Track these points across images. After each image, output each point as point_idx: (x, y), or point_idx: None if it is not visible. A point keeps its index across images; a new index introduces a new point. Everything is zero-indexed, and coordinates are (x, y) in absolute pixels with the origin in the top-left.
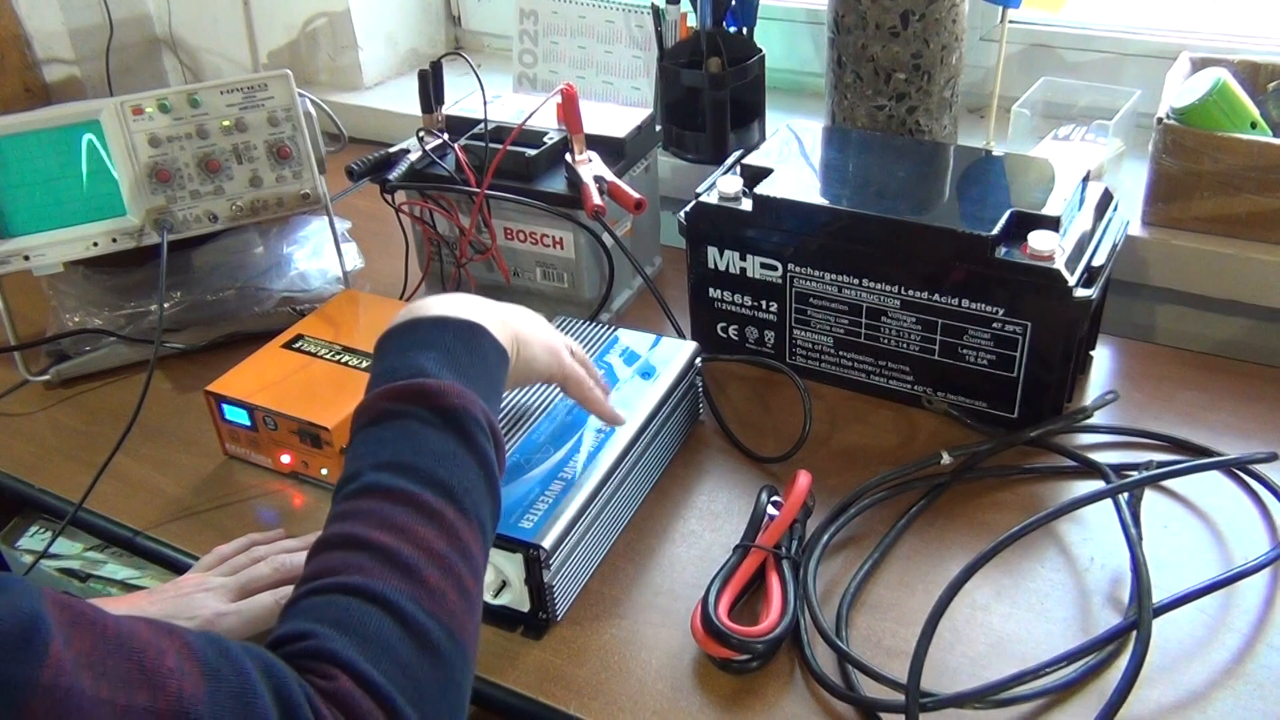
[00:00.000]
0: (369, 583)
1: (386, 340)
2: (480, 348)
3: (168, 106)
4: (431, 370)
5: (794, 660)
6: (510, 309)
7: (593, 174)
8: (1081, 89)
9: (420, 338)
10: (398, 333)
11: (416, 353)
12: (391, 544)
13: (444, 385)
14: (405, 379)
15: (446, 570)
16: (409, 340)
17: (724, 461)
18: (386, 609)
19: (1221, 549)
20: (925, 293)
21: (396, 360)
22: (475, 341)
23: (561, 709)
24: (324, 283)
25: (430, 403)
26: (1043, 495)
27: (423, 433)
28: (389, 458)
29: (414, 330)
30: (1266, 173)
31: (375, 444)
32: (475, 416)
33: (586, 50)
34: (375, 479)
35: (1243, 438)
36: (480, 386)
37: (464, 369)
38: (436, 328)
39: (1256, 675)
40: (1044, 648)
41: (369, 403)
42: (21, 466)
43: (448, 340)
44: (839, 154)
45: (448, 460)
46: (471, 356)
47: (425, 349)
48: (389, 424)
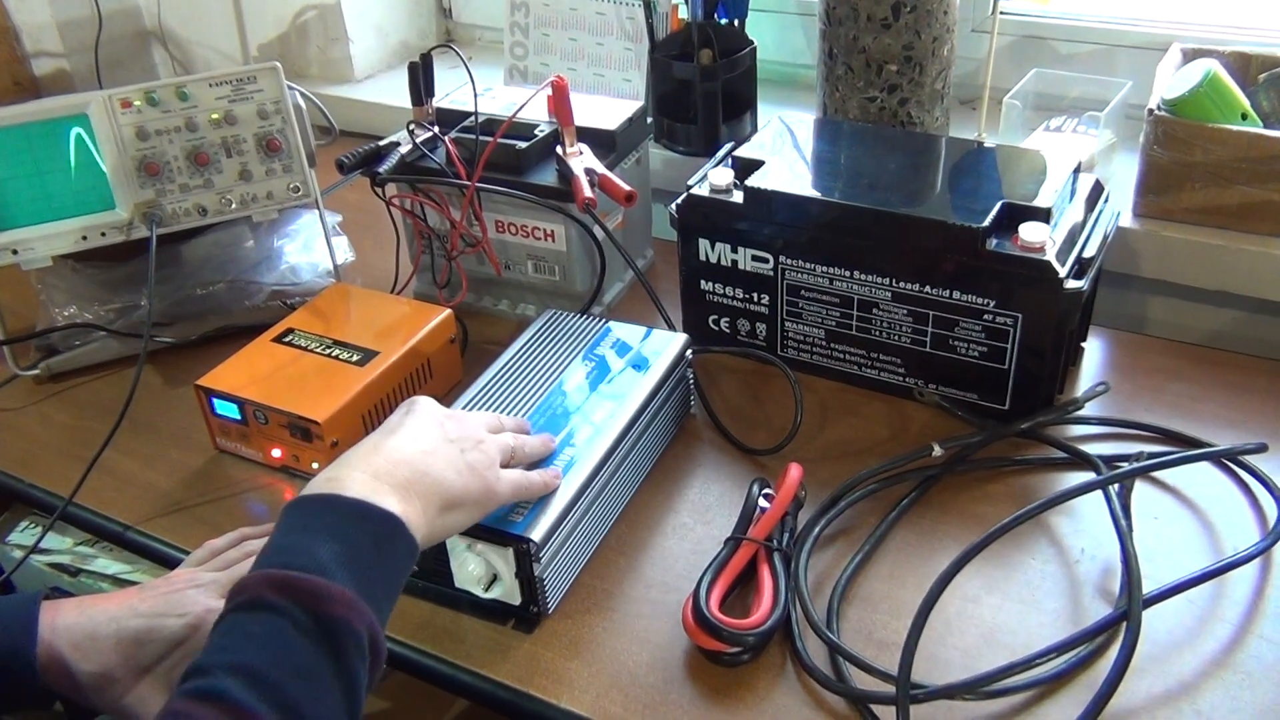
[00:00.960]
0: None
1: (295, 510)
2: (391, 546)
3: (156, 100)
4: (328, 567)
5: (785, 652)
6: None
7: (584, 166)
8: (1073, 80)
9: (328, 522)
10: (309, 507)
11: (319, 540)
12: None
13: (334, 590)
14: (297, 569)
15: None
16: (316, 520)
17: (715, 454)
18: None
19: (1211, 540)
20: (916, 285)
21: (296, 540)
22: (387, 537)
23: (553, 702)
24: (314, 276)
25: (313, 606)
26: (1034, 487)
27: (293, 640)
28: (247, 661)
29: (326, 509)
30: (1257, 164)
31: (239, 636)
32: (356, 632)
33: (578, 42)
34: (222, 685)
35: (1233, 428)
36: (375, 592)
37: (364, 570)
38: (351, 514)
39: (1246, 665)
40: (1035, 639)
41: (251, 582)
42: (11, 461)
43: (358, 534)
44: (831, 146)
45: (308, 679)
46: (378, 555)
47: (329, 538)
48: (261, 617)
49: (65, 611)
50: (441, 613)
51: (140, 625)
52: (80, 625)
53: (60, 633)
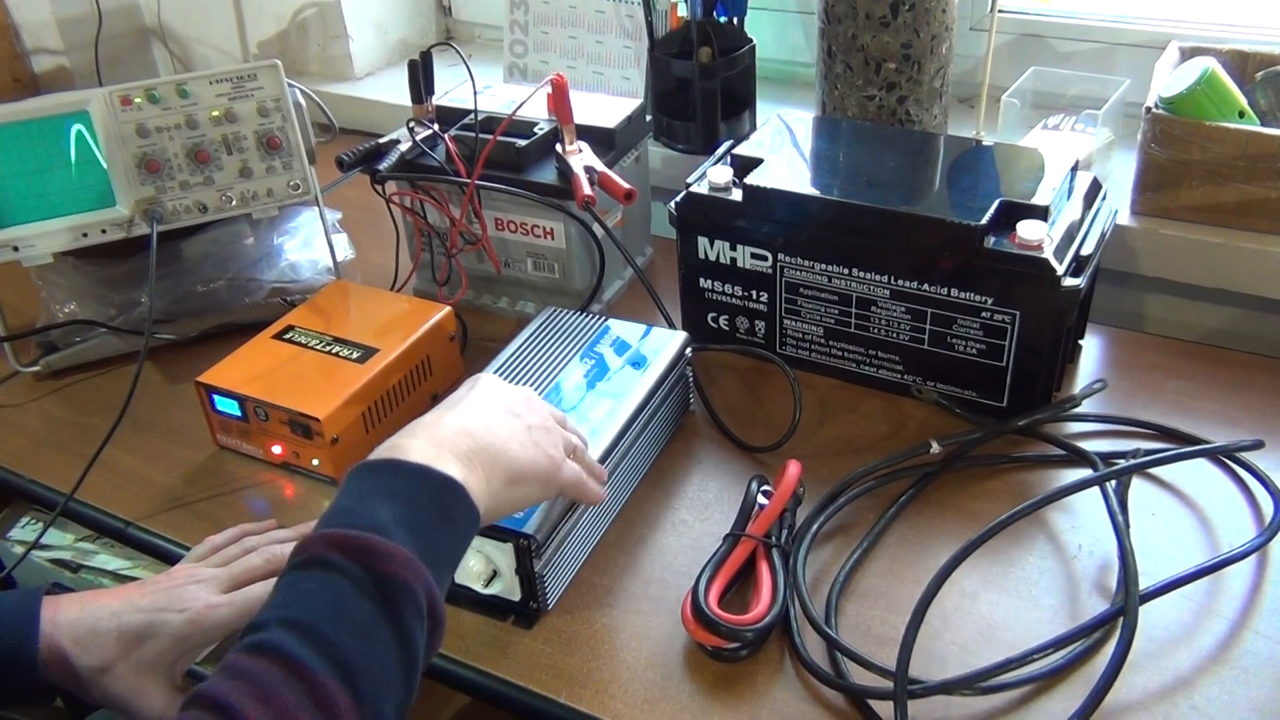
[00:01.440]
0: None
1: (356, 475)
2: (452, 511)
3: (156, 97)
4: (387, 527)
5: (784, 648)
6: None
7: (583, 164)
8: (1071, 78)
9: (390, 485)
10: (371, 470)
11: (380, 501)
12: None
13: (392, 549)
14: (357, 529)
15: None
16: (378, 484)
17: (714, 451)
18: None
19: (1208, 536)
20: (915, 282)
21: (356, 503)
22: (448, 502)
23: (553, 697)
24: (315, 273)
25: (371, 564)
26: (1031, 484)
27: (350, 598)
28: (302, 616)
29: (389, 472)
30: (1255, 162)
31: (296, 593)
32: (414, 592)
33: (577, 40)
34: (278, 640)
35: (1230, 426)
36: (435, 556)
37: (424, 533)
38: (413, 477)
39: (1242, 661)
40: (1032, 635)
41: (309, 542)
42: (12, 458)
43: (419, 497)
44: (829, 144)
45: (365, 638)
46: (439, 519)
47: (390, 500)
48: (319, 575)
49: (66, 607)
50: None
51: (141, 620)
52: (82, 620)
53: (62, 628)
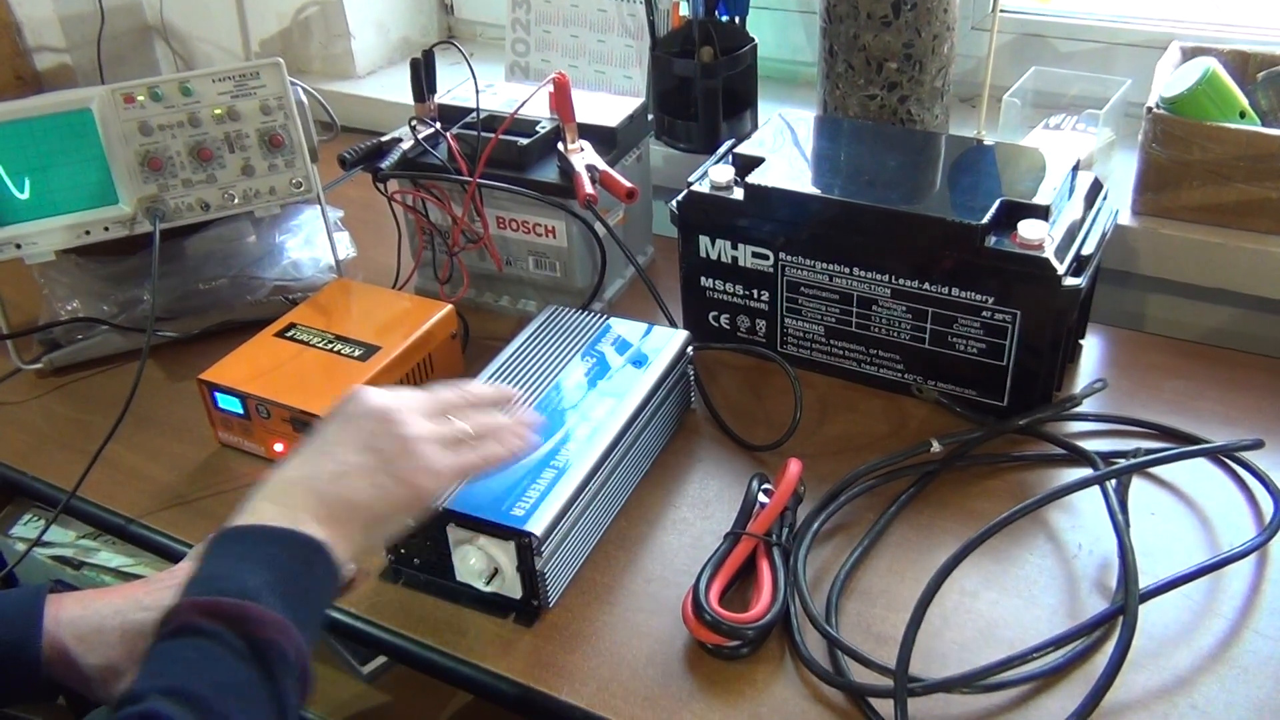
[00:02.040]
0: None
1: (219, 542)
2: (317, 571)
3: (159, 95)
4: (258, 592)
5: (784, 646)
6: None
7: (585, 163)
8: (1072, 78)
9: (255, 551)
10: (234, 538)
11: (246, 567)
12: None
13: (265, 614)
14: (227, 595)
15: None
16: (243, 550)
17: (715, 449)
18: None
19: (1208, 535)
20: (916, 282)
21: (223, 569)
22: (313, 564)
23: (554, 695)
24: (316, 271)
25: (245, 630)
26: (1031, 483)
27: (225, 661)
28: (181, 685)
29: (253, 540)
30: (1255, 162)
31: (172, 662)
32: (287, 655)
33: (579, 39)
34: (160, 707)
35: (1230, 425)
36: (303, 618)
37: (292, 596)
38: (277, 542)
39: (1242, 660)
40: (1032, 633)
41: (179, 610)
42: (14, 455)
43: (284, 561)
44: (831, 143)
45: (243, 699)
46: (306, 581)
47: (257, 565)
48: (194, 642)
49: (69, 605)
50: (442, 606)
51: (145, 618)
52: (85, 618)
53: (65, 626)
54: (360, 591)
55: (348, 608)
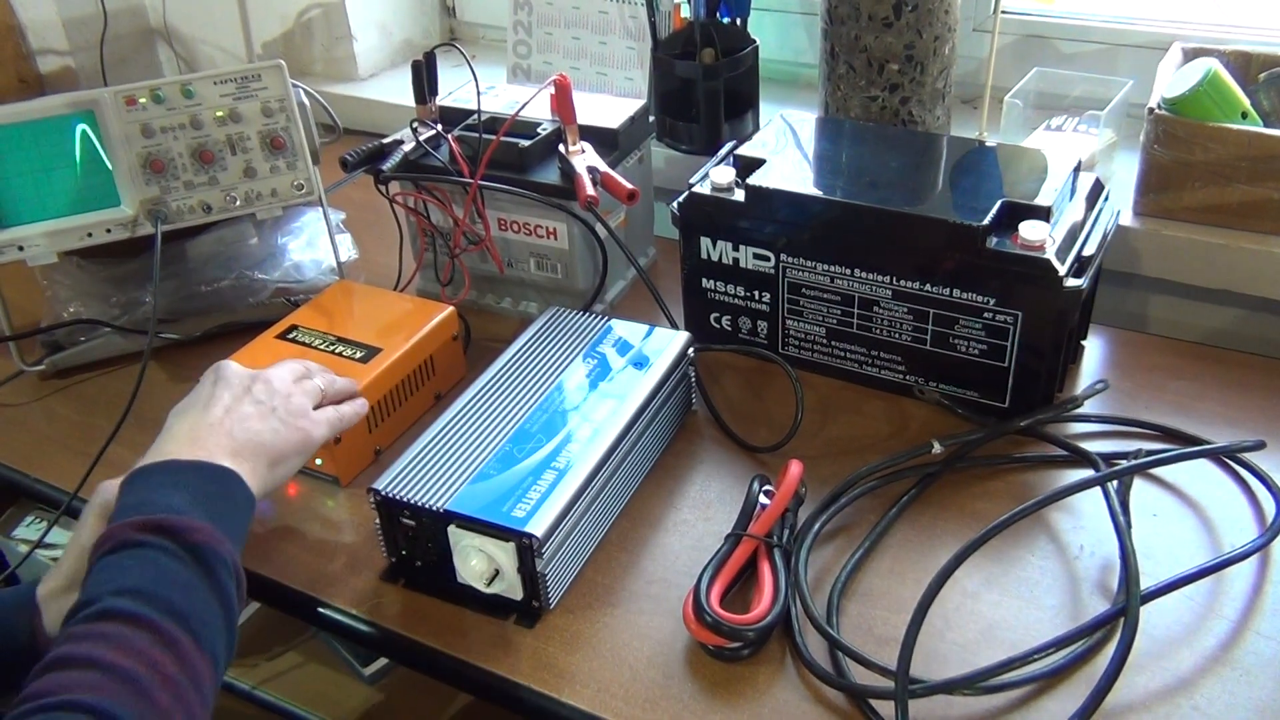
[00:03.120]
0: (99, 701)
1: (137, 476)
2: (232, 494)
3: (161, 97)
4: (182, 508)
5: (785, 648)
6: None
7: (586, 165)
8: (1074, 79)
9: (173, 478)
10: (149, 471)
11: (168, 491)
12: (126, 665)
13: (194, 523)
14: (154, 513)
15: (177, 696)
16: (161, 479)
17: (716, 451)
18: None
19: (1210, 536)
20: (917, 283)
21: (146, 495)
22: (228, 487)
23: (554, 696)
24: (318, 273)
25: (179, 538)
26: (1033, 484)
27: (167, 564)
28: (130, 584)
29: (167, 470)
30: (1257, 163)
31: (116, 571)
32: (221, 556)
33: (580, 41)
34: (114, 604)
35: (1232, 426)
36: (230, 530)
37: (215, 512)
38: (191, 470)
39: (1244, 662)
40: (1033, 634)
41: (113, 531)
42: (17, 456)
43: (201, 483)
44: (832, 145)
45: (189, 593)
46: (223, 502)
47: (177, 489)
48: (132, 552)
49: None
50: (443, 607)
51: None
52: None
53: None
54: (361, 593)
55: (349, 609)
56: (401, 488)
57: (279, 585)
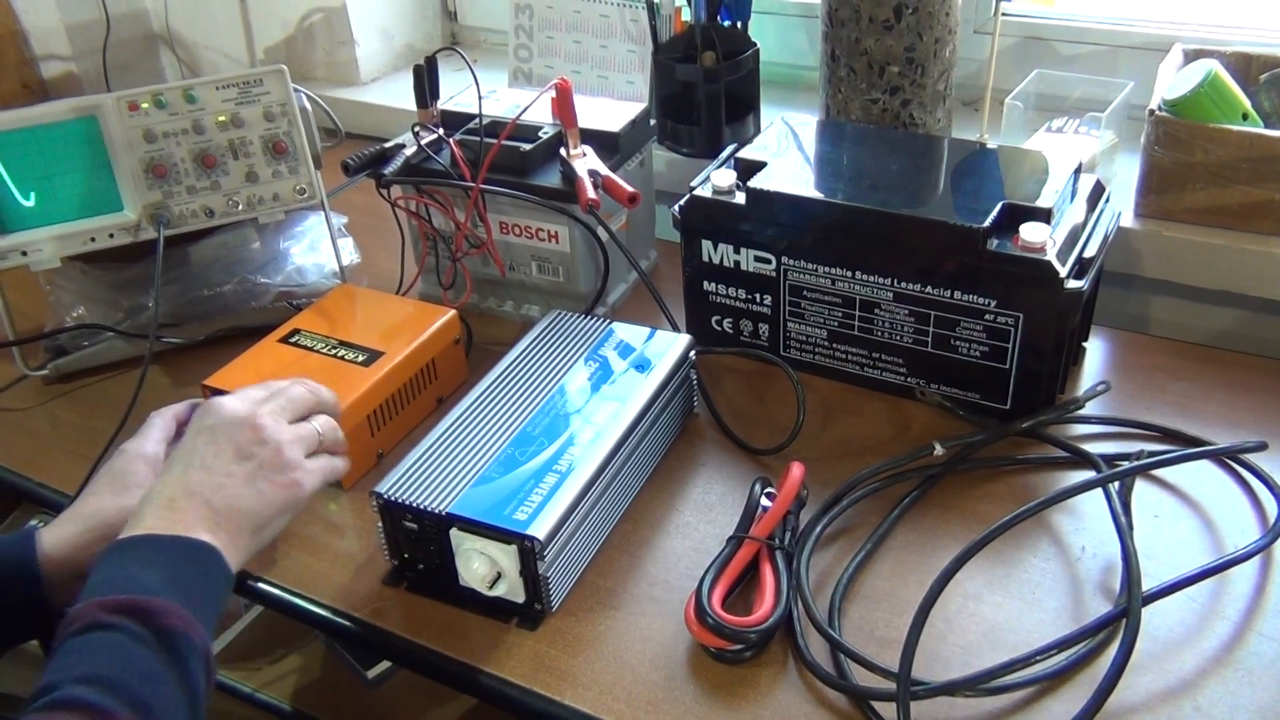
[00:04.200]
0: None
1: (111, 552)
2: (208, 571)
3: (164, 102)
4: (154, 588)
5: (787, 650)
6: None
7: (587, 168)
8: (1075, 81)
9: (147, 555)
10: (125, 547)
11: (143, 569)
12: None
13: (167, 605)
14: (125, 594)
15: None
16: (135, 556)
17: (718, 453)
18: None
19: (1212, 538)
20: (918, 285)
21: (118, 573)
22: (207, 565)
23: (556, 698)
24: (320, 277)
25: (147, 621)
26: (1035, 485)
27: (133, 650)
28: (91, 672)
29: (142, 547)
30: (1258, 164)
31: (79, 655)
32: (192, 641)
33: (582, 45)
34: (73, 693)
35: (1234, 427)
36: (202, 612)
37: (189, 592)
38: (166, 547)
39: (1246, 663)
40: (1035, 636)
41: (82, 611)
42: (20, 460)
43: (176, 561)
44: (833, 147)
45: (153, 681)
46: (198, 581)
47: (153, 567)
48: (99, 636)
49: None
50: (445, 610)
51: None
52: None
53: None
54: (364, 596)
55: (351, 612)
56: (403, 491)
57: (281, 588)
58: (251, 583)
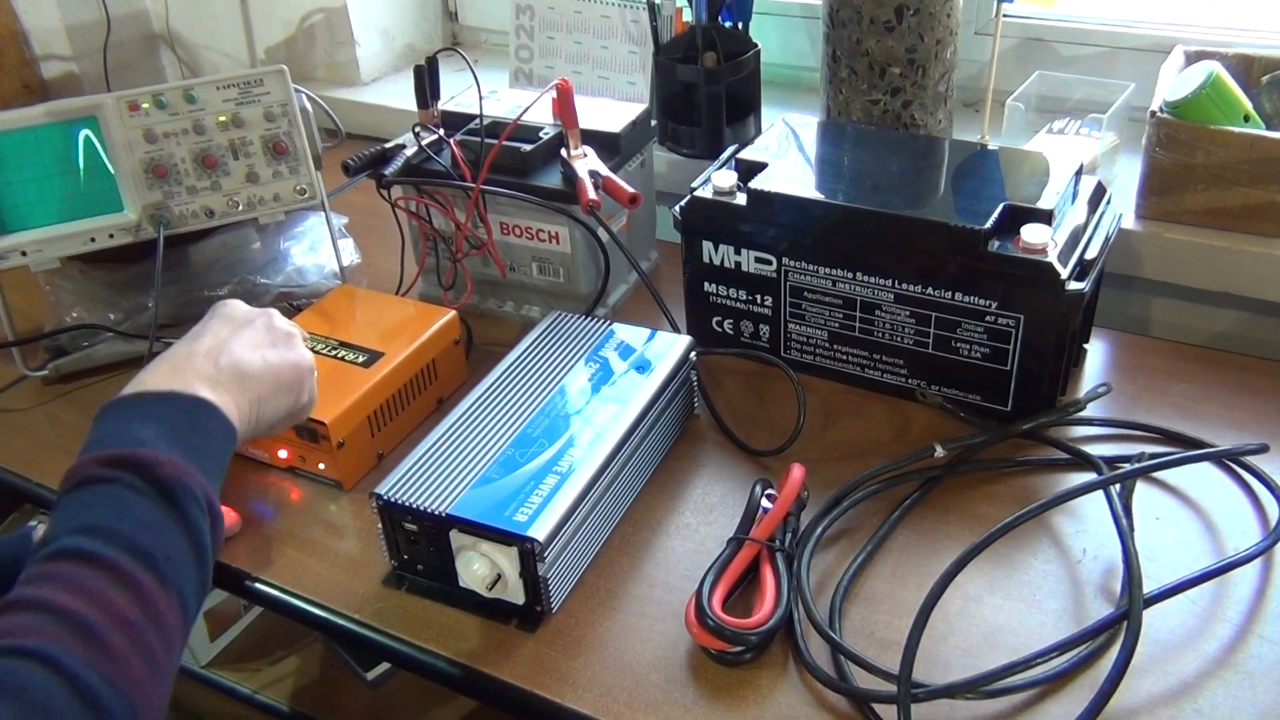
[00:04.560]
0: (42, 646)
1: (107, 410)
2: (206, 426)
3: (164, 102)
4: (150, 441)
5: (787, 652)
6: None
7: (588, 169)
8: (1076, 82)
9: (143, 410)
10: (120, 404)
11: (137, 424)
12: (78, 609)
13: (160, 456)
14: (120, 448)
15: (134, 638)
16: (131, 412)
17: (718, 455)
18: (58, 673)
19: (1213, 540)
20: (919, 286)
21: (114, 429)
22: (202, 419)
23: (556, 700)
24: (321, 278)
25: (144, 472)
26: (1035, 487)
27: (131, 500)
28: (90, 522)
29: (138, 403)
30: (1259, 165)
31: (78, 508)
32: (191, 490)
33: (582, 45)
34: (72, 543)
35: (1235, 429)
36: (202, 463)
37: (187, 444)
38: (162, 402)
39: (1247, 665)
40: (1036, 638)
41: (78, 467)
42: (20, 461)
43: (173, 415)
44: (834, 148)
45: (153, 529)
46: (196, 434)
47: (147, 421)
48: (96, 488)
49: None
50: (445, 611)
51: None
52: None
53: None
54: (364, 597)
55: (351, 613)
56: (403, 492)
57: (281, 589)
58: (250, 583)
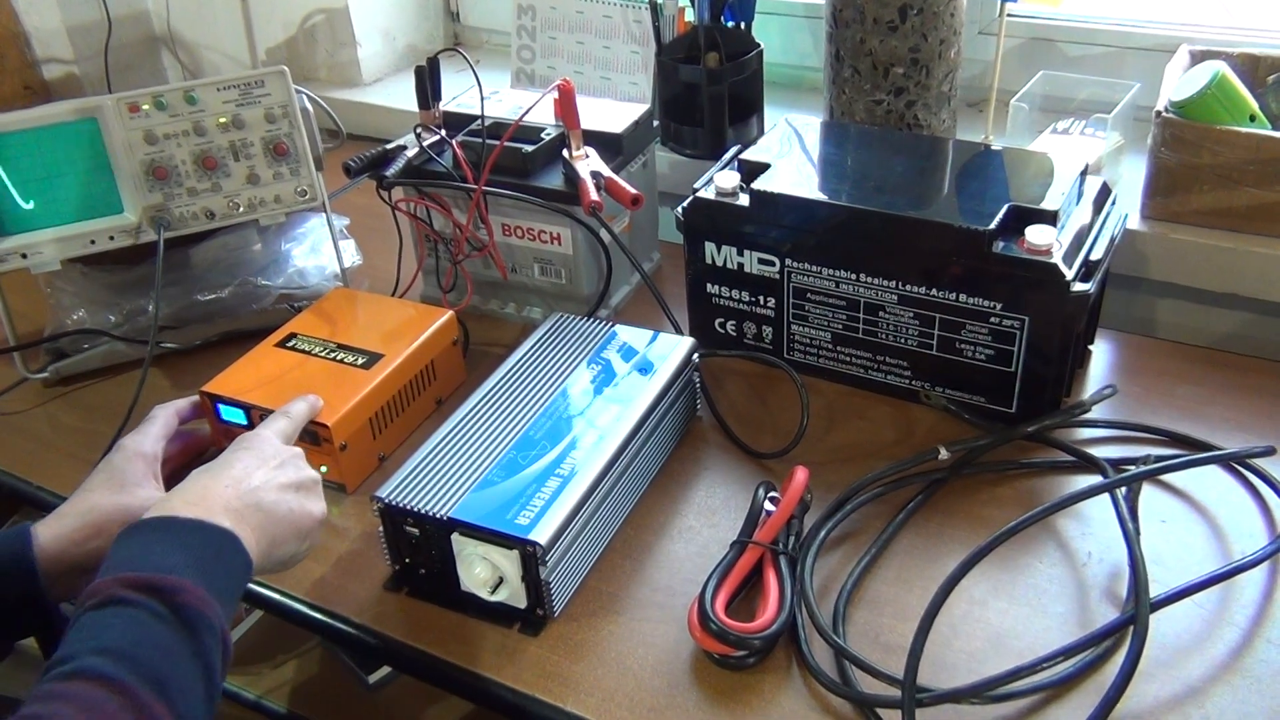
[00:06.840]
0: None
1: (132, 531)
2: (228, 558)
3: (164, 104)
4: (176, 568)
5: (791, 656)
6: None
7: (590, 170)
8: (1080, 82)
9: (170, 537)
10: (146, 527)
11: (163, 549)
12: None
13: (184, 584)
14: (146, 571)
15: None
16: (158, 536)
17: (721, 457)
18: None
19: (1219, 543)
20: (923, 287)
21: (140, 551)
22: (225, 551)
23: (558, 705)
24: (322, 279)
25: (167, 599)
26: (1040, 490)
27: (152, 626)
28: (109, 644)
29: (164, 527)
30: (1266, 166)
31: (98, 629)
32: (210, 621)
33: (584, 45)
34: (89, 664)
35: (1241, 432)
36: (221, 595)
37: (210, 574)
38: (189, 529)
39: (1254, 670)
40: (1041, 643)
41: (99, 586)
42: (20, 463)
43: (198, 544)
44: (837, 149)
45: (171, 657)
46: (219, 565)
47: (173, 548)
48: (117, 610)
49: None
50: (447, 615)
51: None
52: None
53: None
54: (365, 601)
55: (353, 617)
56: (405, 496)
57: (283, 593)
58: (251, 587)
